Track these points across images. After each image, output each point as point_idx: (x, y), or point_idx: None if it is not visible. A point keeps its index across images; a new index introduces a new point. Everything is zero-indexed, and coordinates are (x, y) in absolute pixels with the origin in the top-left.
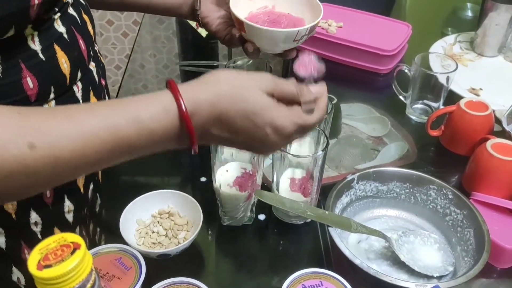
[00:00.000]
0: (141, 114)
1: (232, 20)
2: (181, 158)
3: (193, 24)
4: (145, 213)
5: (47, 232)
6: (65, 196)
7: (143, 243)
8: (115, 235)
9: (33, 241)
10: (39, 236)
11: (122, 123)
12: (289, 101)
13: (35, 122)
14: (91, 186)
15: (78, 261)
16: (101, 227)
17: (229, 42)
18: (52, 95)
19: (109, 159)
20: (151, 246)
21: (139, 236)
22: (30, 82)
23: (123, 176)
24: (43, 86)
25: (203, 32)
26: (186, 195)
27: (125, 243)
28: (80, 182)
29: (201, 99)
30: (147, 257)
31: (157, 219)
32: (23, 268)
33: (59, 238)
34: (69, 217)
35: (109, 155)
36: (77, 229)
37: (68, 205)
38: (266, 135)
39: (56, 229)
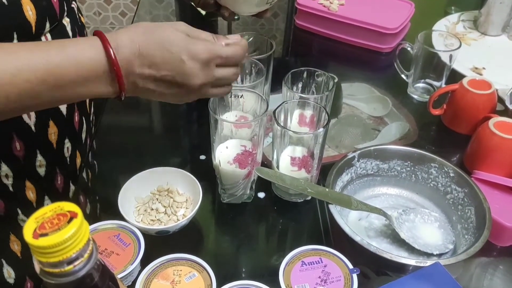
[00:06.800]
0: (68, 45)
1: None
2: (181, 137)
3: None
4: (144, 190)
5: (18, 185)
6: (37, 151)
7: (141, 220)
8: (113, 212)
9: (4, 194)
10: (11, 189)
11: (51, 52)
12: None
13: None
14: (69, 144)
15: (75, 230)
16: (100, 204)
17: (203, 6)
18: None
19: (42, 92)
20: (150, 223)
21: (138, 213)
22: None
23: (122, 153)
24: (3, 31)
25: (202, 11)
26: (186, 172)
27: (123, 220)
28: (53, 139)
29: (121, 35)
30: (146, 233)
31: (156, 196)
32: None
33: (55, 207)
34: (41, 171)
35: (41, 86)
36: (72, 194)
37: (40, 159)
38: (183, 62)
39: (28, 182)
